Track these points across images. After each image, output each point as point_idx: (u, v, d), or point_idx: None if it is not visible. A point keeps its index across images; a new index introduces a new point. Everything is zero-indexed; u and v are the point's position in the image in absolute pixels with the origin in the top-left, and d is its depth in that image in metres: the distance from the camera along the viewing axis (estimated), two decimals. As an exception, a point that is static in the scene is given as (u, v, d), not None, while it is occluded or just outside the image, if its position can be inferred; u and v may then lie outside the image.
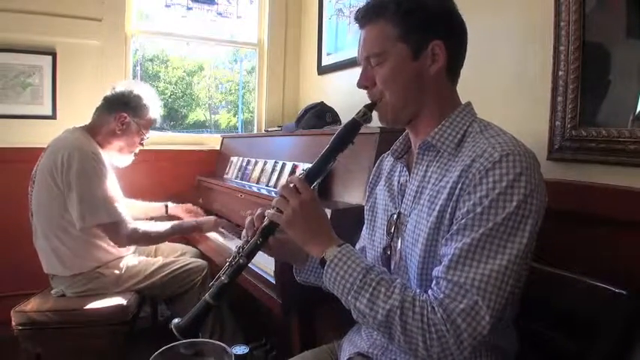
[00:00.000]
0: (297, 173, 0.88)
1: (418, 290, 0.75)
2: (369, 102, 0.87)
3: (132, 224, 1.68)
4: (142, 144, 1.85)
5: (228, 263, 0.88)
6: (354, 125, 0.85)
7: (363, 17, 0.84)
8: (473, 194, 0.72)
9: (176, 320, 0.85)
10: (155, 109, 1.84)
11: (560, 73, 1.18)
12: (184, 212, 2.14)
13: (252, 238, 0.87)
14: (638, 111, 1.04)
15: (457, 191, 0.74)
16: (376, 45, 0.82)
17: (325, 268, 0.78)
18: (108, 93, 1.79)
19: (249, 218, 0.92)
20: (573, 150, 1.16)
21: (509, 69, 1.37)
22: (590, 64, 1.13)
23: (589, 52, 1.13)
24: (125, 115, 1.74)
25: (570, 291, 0.94)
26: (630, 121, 1.05)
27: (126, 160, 1.85)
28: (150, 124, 1.84)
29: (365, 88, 0.87)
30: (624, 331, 0.84)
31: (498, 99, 1.39)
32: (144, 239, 1.74)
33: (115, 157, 1.80)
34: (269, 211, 0.86)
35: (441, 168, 0.81)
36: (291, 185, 0.83)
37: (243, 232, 0.92)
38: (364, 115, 0.85)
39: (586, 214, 1.07)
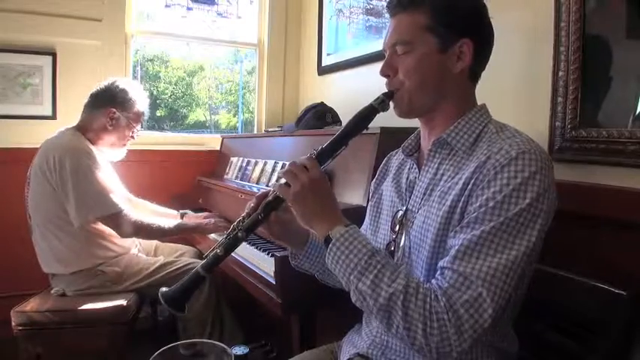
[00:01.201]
0: (308, 154, 0.86)
1: (422, 279, 0.75)
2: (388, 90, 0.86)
3: (134, 215, 1.68)
4: (133, 137, 1.84)
5: (225, 235, 0.87)
6: (371, 111, 0.84)
7: (397, 5, 0.83)
8: (487, 189, 0.72)
9: (164, 288, 0.84)
10: (142, 102, 1.84)
11: (561, 73, 1.18)
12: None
13: (254, 212, 0.86)
14: (638, 111, 1.04)
15: (470, 186, 0.74)
16: (406, 33, 0.81)
17: (330, 245, 0.77)
18: (93, 90, 1.79)
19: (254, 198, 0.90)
20: (573, 150, 1.16)
21: (509, 70, 1.37)
22: (590, 64, 1.13)
23: (589, 52, 1.13)
24: (114, 110, 1.74)
25: (570, 292, 0.94)
26: (630, 122, 1.05)
27: (119, 154, 1.85)
28: (139, 117, 1.84)
29: (387, 76, 0.86)
30: (624, 332, 0.84)
31: (498, 99, 1.38)
32: (146, 231, 1.73)
33: (108, 152, 1.80)
34: (276, 183, 0.84)
35: (454, 166, 0.81)
36: (300, 163, 0.82)
37: (247, 205, 0.90)
38: (382, 103, 0.84)
39: (586, 215, 1.07)
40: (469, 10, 0.82)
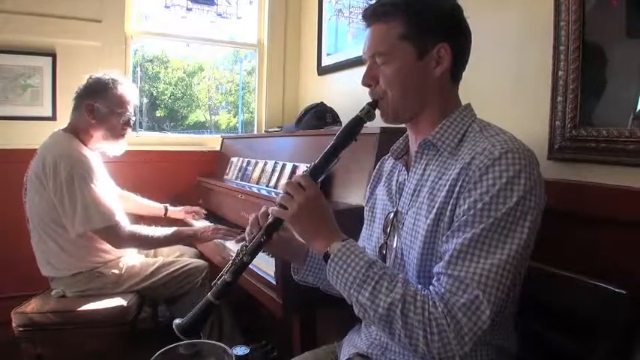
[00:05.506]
0: (301, 171, 0.87)
1: (420, 286, 0.75)
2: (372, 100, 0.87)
3: (128, 226, 1.66)
4: (128, 124, 1.75)
5: (231, 261, 0.88)
6: (358, 122, 0.86)
7: (372, 15, 0.84)
8: (473, 191, 0.73)
9: (178, 320, 0.85)
10: (122, 85, 1.72)
11: (560, 73, 1.18)
12: (184, 214, 2.14)
13: (257, 235, 0.88)
14: (637, 111, 1.04)
15: (457, 188, 0.75)
16: (383, 44, 0.83)
17: (329, 261, 0.78)
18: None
19: (253, 216, 0.92)
20: (573, 150, 1.16)
21: (509, 69, 1.37)
22: (589, 64, 1.13)
23: (589, 52, 1.13)
24: (91, 102, 1.67)
25: (570, 291, 0.94)
26: (630, 121, 1.05)
27: (117, 147, 1.77)
28: (122, 101, 1.71)
29: (369, 86, 0.87)
30: (624, 331, 0.84)
31: (498, 99, 1.39)
32: (140, 242, 1.72)
33: (105, 148, 1.75)
34: (273, 208, 0.86)
35: (440, 166, 0.82)
36: (296, 182, 0.84)
37: (247, 229, 0.92)
38: (368, 113, 0.86)
39: (586, 214, 1.07)
40: (443, 14, 0.82)
